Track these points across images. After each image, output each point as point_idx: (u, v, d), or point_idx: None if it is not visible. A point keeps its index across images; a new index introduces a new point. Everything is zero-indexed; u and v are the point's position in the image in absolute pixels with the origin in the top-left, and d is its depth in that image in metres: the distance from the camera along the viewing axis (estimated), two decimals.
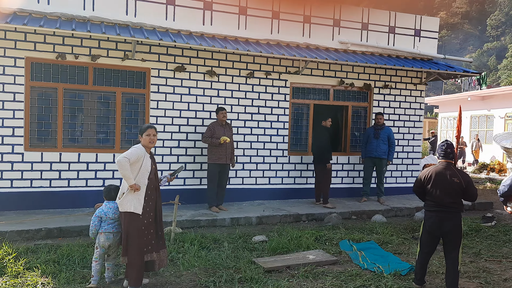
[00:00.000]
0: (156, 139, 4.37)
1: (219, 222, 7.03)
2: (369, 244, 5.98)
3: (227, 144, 7.56)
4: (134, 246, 4.10)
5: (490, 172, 16.60)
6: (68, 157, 7.36)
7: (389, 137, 8.79)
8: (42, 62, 7.23)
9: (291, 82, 8.86)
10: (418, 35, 9.80)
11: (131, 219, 4.11)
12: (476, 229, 6.99)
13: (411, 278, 4.71)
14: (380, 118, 8.81)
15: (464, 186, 4.30)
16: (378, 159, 8.77)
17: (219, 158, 7.55)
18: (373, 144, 8.74)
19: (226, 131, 7.64)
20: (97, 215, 4.35)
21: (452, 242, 4.34)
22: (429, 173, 4.43)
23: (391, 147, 8.81)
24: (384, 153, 8.75)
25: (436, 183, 4.36)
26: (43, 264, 4.75)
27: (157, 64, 7.83)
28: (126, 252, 4.11)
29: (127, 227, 4.11)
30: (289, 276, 4.75)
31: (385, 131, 8.78)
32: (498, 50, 62.62)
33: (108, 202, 4.43)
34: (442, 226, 4.30)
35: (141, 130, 4.29)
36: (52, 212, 6.94)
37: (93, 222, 4.34)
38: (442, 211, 4.31)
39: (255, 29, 8.33)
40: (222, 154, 7.56)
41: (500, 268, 5.26)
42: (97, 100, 7.59)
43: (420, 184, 4.52)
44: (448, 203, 4.30)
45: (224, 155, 7.57)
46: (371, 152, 8.76)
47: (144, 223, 4.16)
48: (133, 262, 4.09)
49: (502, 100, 18.39)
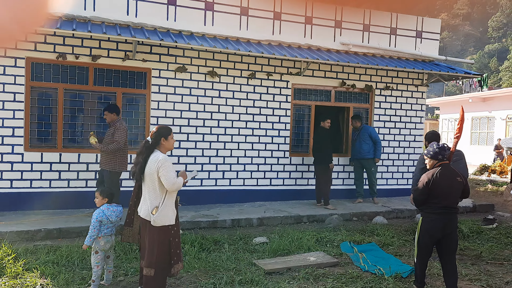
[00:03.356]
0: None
1: (219, 223, 7.00)
2: (370, 246, 5.96)
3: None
4: (165, 258, 3.84)
5: (491, 174, 16.56)
6: (68, 158, 7.34)
7: (370, 135, 8.79)
8: (42, 62, 7.21)
9: (293, 83, 8.84)
10: (420, 37, 9.79)
11: (166, 232, 3.79)
12: (477, 231, 6.96)
13: (412, 281, 4.68)
14: (353, 122, 8.95)
15: (464, 184, 4.37)
16: (364, 160, 8.83)
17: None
18: (356, 146, 8.86)
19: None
20: (98, 219, 4.20)
21: (452, 244, 4.32)
22: (433, 176, 4.34)
23: (376, 145, 8.79)
24: (368, 153, 8.76)
25: (442, 185, 4.28)
26: (43, 265, 4.72)
27: (158, 65, 7.82)
28: (153, 264, 3.77)
29: (158, 240, 3.76)
30: (290, 278, 4.72)
31: (364, 130, 8.83)
32: (499, 52, 62.61)
33: (110, 206, 4.36)
34: (445, 228, 4.27)
35: (164, 133, 3.89)
36: (52, 213, 6.92)
37: (94, 227, 4.18)
38: (447, 213, 4.29)
39: (257, 30, 8.32)
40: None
41: (502, 271, 5.22)
42: (98, 100, 7.57)
43: (424, 190, 4.32)
44: (452, 204, 4.30)
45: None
46: (356, 154, 8.89)
47: (176, 233, 3.90)
48: (159, 275, 3.82)
49: (503, 101, 18.35)
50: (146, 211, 3.77)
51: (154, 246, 3.77)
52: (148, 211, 3.74)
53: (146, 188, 3.79)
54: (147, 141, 3.85)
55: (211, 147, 8.22)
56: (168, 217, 3.78)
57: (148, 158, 3.79)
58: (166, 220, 3.77)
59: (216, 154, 8.26)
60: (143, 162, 3.79)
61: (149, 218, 3.75)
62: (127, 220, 4.12)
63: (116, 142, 6.42)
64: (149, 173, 3.74)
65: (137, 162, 3.83)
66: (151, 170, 3.72)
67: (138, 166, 3.81)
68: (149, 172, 3.74)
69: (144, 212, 3.80)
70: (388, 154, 9.58)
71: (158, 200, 3.74)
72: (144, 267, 3.81)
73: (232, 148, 8.37)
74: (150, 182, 3.75)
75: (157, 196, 3.75)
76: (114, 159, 6.52)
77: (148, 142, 3.84)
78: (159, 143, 3.86)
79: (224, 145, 8.31)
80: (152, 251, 3.77)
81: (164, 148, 3.89)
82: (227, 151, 8.35)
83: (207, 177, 8.19)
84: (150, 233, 3.78)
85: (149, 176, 3.75)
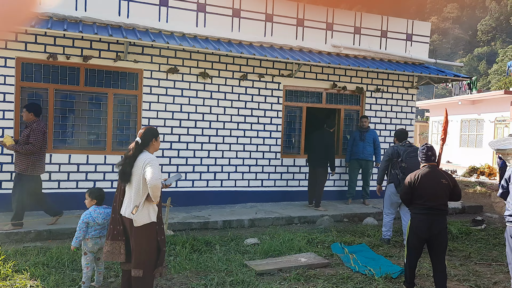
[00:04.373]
0: None
1: (211, 224, 7.00)
2: (361, 247, 6.00)
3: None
4: (153, 258, 3.85)
5: (480, 176, 16.76)
6: (58, 159, 7.29)
7: (374, 140, 8.95)
8: (33, 62, 7.16)
9: (284, 85, 8.88)
10: (410, 40, 9.89)
11: (151, 230, 3.79)
12: (466, 232, 7.04)
13: (402, 281, 4.72)
14: (365, 121, 8.96)
15: (452, 186, 4.38)
16: (365, 161, 8.91)
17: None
18: (360, 146, 8.86)
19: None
20: (84, 220, 4.17)
21: (441, 244, 4.36)
22: (416, 177, 4.46)
23: (377, 149, 8.99)
24: (370, 155, 8.91)
25: (425, 186, 4.39)
26: (32, 266, 4.69)
27: (150, 66, 7.80)
28: (142, 264, 3.76)
29: (146, 238, 3.77)
30: (281, 279, 4.74)
31: (370, 133, 8.93)
32: (488, 55, 63.38)
33: (97, 207, 4.33)
34: (431, 228, 4.32)
35: (155, 133, 3.91)
36: (42, 214, 6.86)
37: (80, 228, 4.15)
38: (431, 213, 4.34)
39: (249, 32, 8.34)
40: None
41: (490, 271, 5.29)
42: (89, 101, 7.53)
43: (407, 190, 4.49)
44: (438, 205, 4.34)
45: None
46: (358, 154, 8.88)
47: (161, 231, 3.89)
48: (148, 275, 3.81)
49: (492, 104, 18.58)
50: (129, 211, 3.77)
51: (142, 246, 3.76)
52: (130, 211, 3.75)
53: (131, 188, 3.77)
54: (138, 141, 3.82)
55: (202, 148, 8.21)
56: (148, 216, 3.77)
57: (136, 158, 3.77)
58: (147, 219, 3.76)
59: (207, 155, 8.26)
60: (132, 161, 3.76)
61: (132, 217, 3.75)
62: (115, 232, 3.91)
63: (31, 145, 5.94)
64: (136, 173, 3.73)
65: (125, 162, 3.78)
66: (138, 170, 3.71)
67: (127, 166, 3.75)
68: (136, 171, 3.73)
69: (125, 212, 3.81)
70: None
71: (139, 200, 3.74)
72: (132, 268, 3.78)
73: (223, 149, 8.38)
74: (135, 182, 3.73)
75: (139, 196, 3.74)
76: (27, 162, 5.99)
77: (138, 143, 3.82)
78: (149, 144, 3.86)
79: (215, 147, 8.31)
80: (140, 251, 3.77)
81: (153, 148, 3.91)
82: (219, 153, 8.35)
83: (199, 178, 8.19)
84: (135, 234, 3.77)
85: (135, 176, 3.73)
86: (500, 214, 5.63)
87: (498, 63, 53.94)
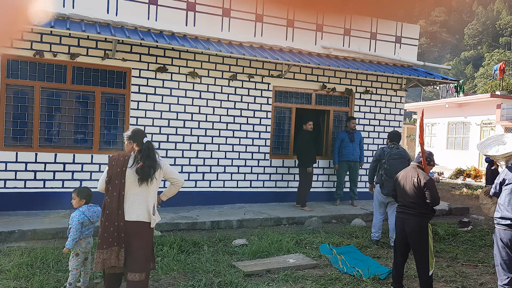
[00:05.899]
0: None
1: (199, 225, 6.95)
2: (349, 248, 6.01)
3: None
4: (152, 257, 3.93)
5: (466, 178, 16.95)
6: (44, 157, 7.18)
7: (360, 141, 9.07)
8: (18, 59, 7.03)
9: (274, 86, 8.87)
10: (399, 42, 9.96)
11: (152, 230, 3.83)
12: (452, 234, 7.10)
13: (390, 282, 4.74)
14: (353, 122, 9.03)
15: (422, 185, 4.31)
16: (354, 162, 8.98)
17: None
18: (349, 147, 8.89)
19: None
20: (80, 221, 4.08)
21: (415, 244, 4.37)
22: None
23: (361, 151, 9.10)
24: (358, 156, 9.00)
25: (400, 184, 4.57)
26: (16, 267, 4.59)
27: (138, 64, 7.72)
28: (147, 267, 3.76)
29: (150, 240, 3.80)
30: (269, 280, 4.72)
31: (358, 134, 9.03)
32: (475, 59, 64.22)
33: (90, 206, 4.27)
34: (404, 227, 4.41)
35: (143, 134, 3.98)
36: (26, 214, 6.75)
37: (77, 229, 4.05)
38: (404, 212, 4.48)
39: (239, 32, 8.31)
40: None
41: (477, 273, 5.34)
42: (76, 99, 7.43)
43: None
44: (408, 203, 4.42)
45: None
46: (348, 155, 8.91)
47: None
48: (148, 277, 3.80)
49: (478, 107, 18.81)
50: (143, 214, 3.70)
51: (148, 248, 3.76)
52: (146, 213, 3.71)
53: (148, 190, 3.74)
54: (150, 141, 3.92)
55: (191, 148, 8.16)
56: (158, 216, 3.90)
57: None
58: (158, 218, 3.87)
59: (196, 156, 8.21)
60: (153, 162, 3.78)
61: (148, 220, 3.73)
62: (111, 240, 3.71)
63: None
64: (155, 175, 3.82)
65: (150, 164, 3.75)
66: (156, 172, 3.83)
67: (152, 167, 3.74)
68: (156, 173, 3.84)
69: (139, 216, 3.68)
70: (367, 158, 9.68)
71: (154, 200, 3.83)
72: (136, 272, 3.66)
73: (212, 149, 8.33)
74: (155, 183, 3.80)
75: (156, 196, 3.86)
76: None
77: (151, 143, 3.90)
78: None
79: (204, 147, 8.26)
80: (145, 254, 3.73)
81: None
82: (207, 153, 8.30)
83: (187, 178, 8.12)
84: (144, 236, 3.71)
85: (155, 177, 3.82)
86: (487, 215, 5.68)
87: (484, 67, 54.74)
